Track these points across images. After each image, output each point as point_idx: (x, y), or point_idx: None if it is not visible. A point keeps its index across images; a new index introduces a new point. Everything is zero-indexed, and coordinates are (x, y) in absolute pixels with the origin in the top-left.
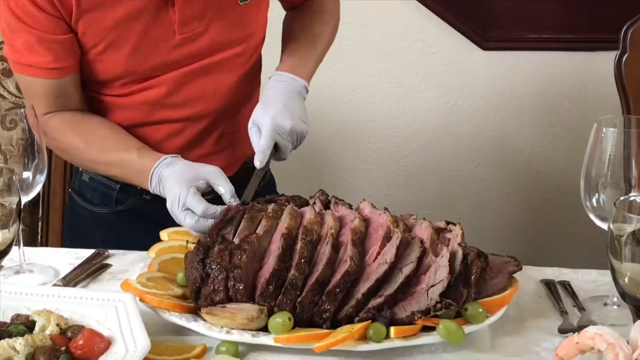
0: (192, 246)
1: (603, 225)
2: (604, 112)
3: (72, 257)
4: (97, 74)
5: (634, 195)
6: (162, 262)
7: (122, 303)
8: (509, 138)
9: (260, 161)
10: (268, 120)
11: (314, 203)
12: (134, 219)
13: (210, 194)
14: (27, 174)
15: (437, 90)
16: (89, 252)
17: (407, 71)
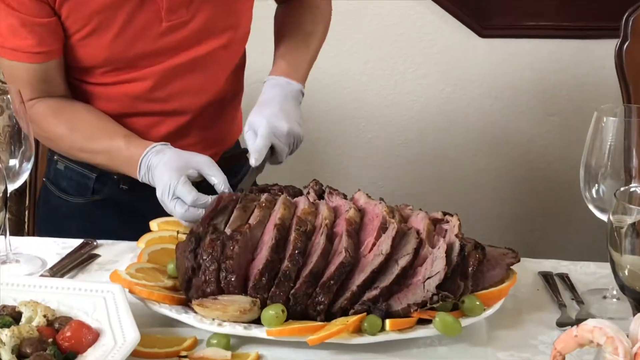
0: (183, 237)
1: (603, 217)
2: (604, 101)
3: (59, 247)
4: (80, 59)
5: (635, 186)
6: (152, 253)
7: (111, 294)
8: (506, 127)
9: (256, 159)
10: (264, 122)
11: (308, 193)
12: (110, 208)
13: (200, 183)
14: (13, 162)
15: (434, 78)
16: (76, 242)
17: (403, 59)
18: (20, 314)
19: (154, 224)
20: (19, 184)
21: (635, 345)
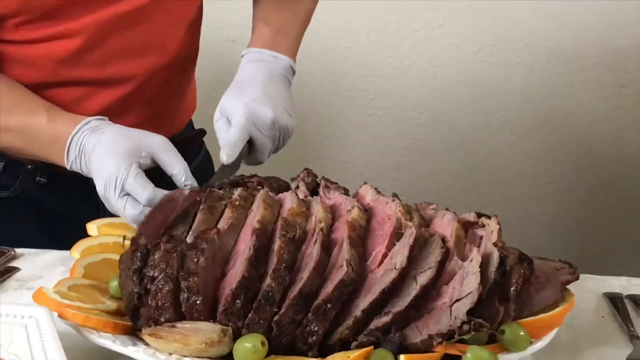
0: None
1: None
2: None
3: None
4: None
5: None
6: (89, 265)
7: (34, 320)
8: (561, 103)
9: (227, 155)
10: (241, 108)
11: (297, 187)
12: (23, 210)
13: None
14: None
15: (464, 37)
16: None
17: (424, 10)
18: None
19: (92, 227)
20: None
21: None
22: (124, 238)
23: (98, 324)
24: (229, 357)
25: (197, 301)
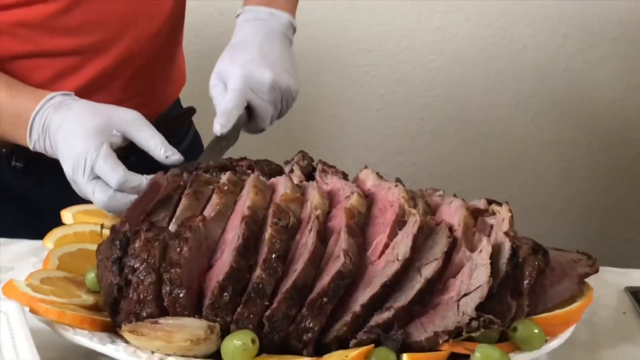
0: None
1: None
2: None
3: None
4: None
5: None
6: (64, 256)
7: (4, 315)
8: (578, 82)
9: (221, 124)
10: (237, 71)
11: (291, 171)
12: (26, 209)
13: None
14: None
15: (473, 9)
16: None
17: None
18: None
19: (67, 214)
20: None
21: None
22: (102, 226)
23: (74, 320)
24: (216, 355)
25: (180, 294)
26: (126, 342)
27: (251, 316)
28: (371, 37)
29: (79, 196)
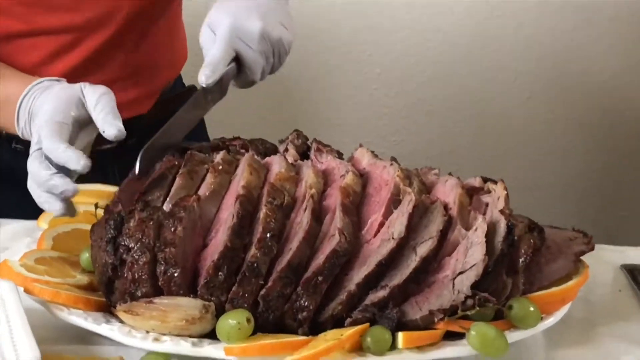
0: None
1: None
2: None
3: None
4: None
5: None
6: (58, 236)
7: None
8: (575, 60)
9: (207, 75)
10: (226, 20)
11: (286, 150)
12: (3, 182)
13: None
14: None
15: None
16: None
17: None
18: None
19: None
20: None
21: None
22: (96, 206)
23: (68, 299)
24: (211, 335)
25: (174, 274)
26: (121, 321)
27: (246, 295)
28: (367, 16)
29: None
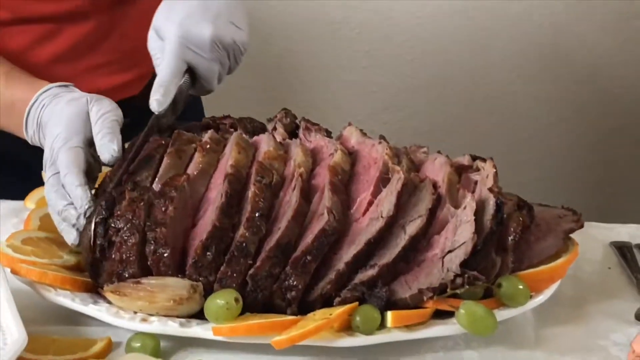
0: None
1: None
2: None
3: None
4: None
5: None
6: (45, 217)
7: None
8: (563, 38)
9: (158, 101)
10: (173, 30)
11: (274, 129)
12: (8, 168)
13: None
14: None
15: None
16: None
17: None
18: None
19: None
20: None
21: None
22: None
23: (55, 280)
24: (199, 315)
25: (164, 254)
26: (109, 302)
27: (234, 275)
28: None
29: None
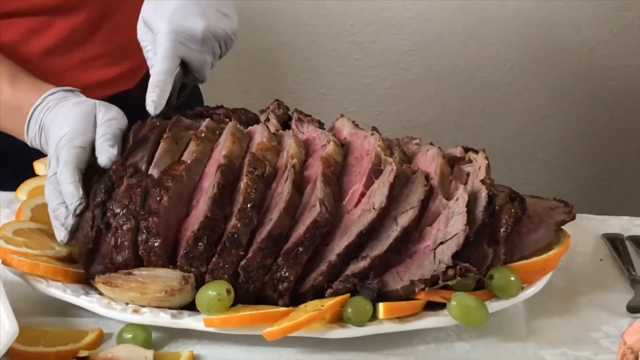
0: None
1: None
2: None
3: None
4: None
5: None
6: (37, 208)
7: None
8: (558, 30)
9: (154, 102)
10: (164, 24)
11: (267, 120)
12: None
13: None
14: None
15: None
16: None
17: None
18: None
19: (40, 166)
20: None
21: None
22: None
23: (47, 271)
24: (191, 306)
25: (155, 244)
26: (100, 294)
27: (226, 266)
28: None
29: None
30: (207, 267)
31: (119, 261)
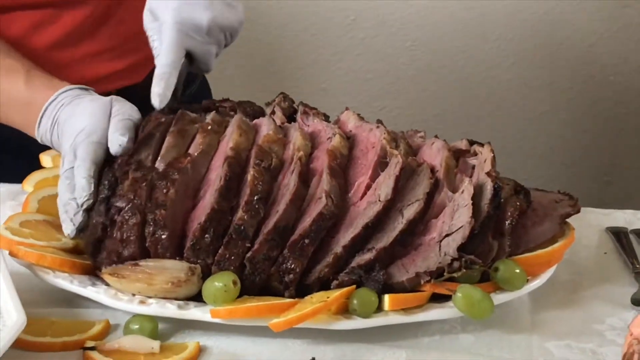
0: None
1: None
2: None
3: None
4: None
5: None
6: (43, 200)
7: None
8: (559, 25)
9: (160, 95)
10: (170, 15)
11: (273, 113)
12: (6, 151)
13: None
14: None
15: None
16: None
17: None
18: None
19: (46, 158)
20: None
21: None
22: None
23: (54, 262)
24: (197, 297)
25: (162, 236)
26: (107, 284)
27: (232, 258)
28: None
29: None
30: (213, 258)
31: (126, 255)
